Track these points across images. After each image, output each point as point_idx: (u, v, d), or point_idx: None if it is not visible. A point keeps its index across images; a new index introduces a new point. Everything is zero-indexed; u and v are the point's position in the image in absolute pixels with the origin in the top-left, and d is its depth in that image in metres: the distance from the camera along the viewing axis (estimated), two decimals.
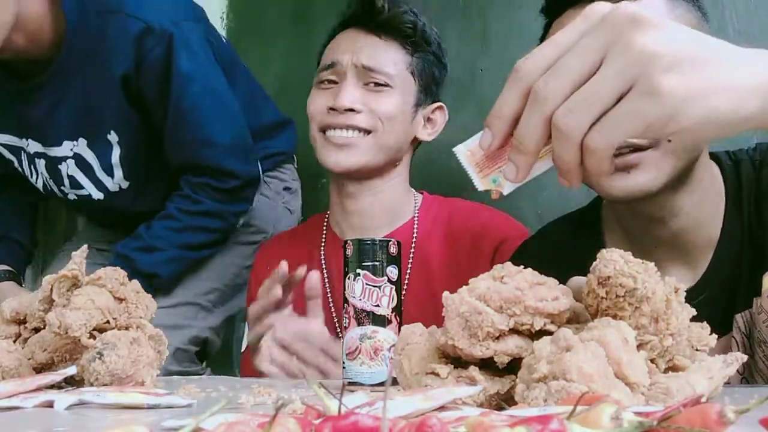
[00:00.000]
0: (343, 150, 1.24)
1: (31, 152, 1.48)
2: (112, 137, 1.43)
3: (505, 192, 0.59)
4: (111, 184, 1.48)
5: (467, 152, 0.60)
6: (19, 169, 1.54)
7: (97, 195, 1.49)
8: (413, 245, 1.30)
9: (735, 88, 0.53)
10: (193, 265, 1.52)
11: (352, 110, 1.23)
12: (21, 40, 1.31)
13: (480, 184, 0.60)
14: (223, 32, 2.36)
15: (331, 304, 1.30)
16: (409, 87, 1.28)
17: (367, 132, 1.24)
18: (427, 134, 1.33)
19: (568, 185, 0.57)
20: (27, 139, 1.47)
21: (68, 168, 1.47)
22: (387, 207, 1.32)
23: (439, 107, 1.35)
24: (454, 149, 0.60)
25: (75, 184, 1.49)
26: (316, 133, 1.27)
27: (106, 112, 1.40)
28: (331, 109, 1.23)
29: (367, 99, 1.24)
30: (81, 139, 1.44)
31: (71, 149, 1.45)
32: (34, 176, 1.53)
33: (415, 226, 1.32)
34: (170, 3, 1.40)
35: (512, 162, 0.57)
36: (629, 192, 0.87)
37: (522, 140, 0.55)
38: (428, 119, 1.33)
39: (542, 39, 1.00)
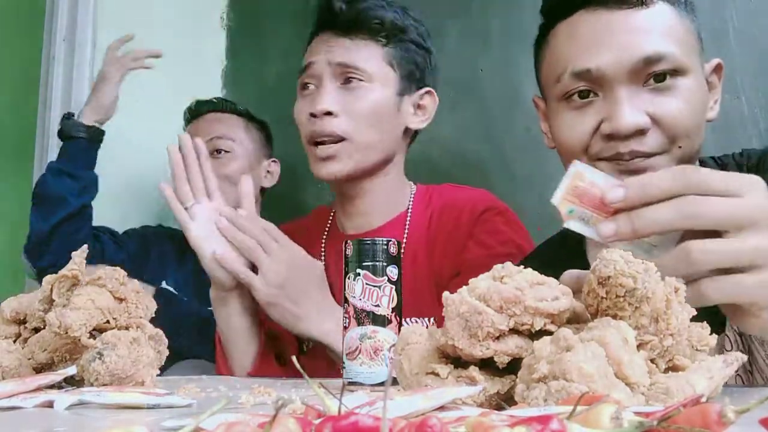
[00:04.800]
0: (330, 161, 1.23)
1: None
2: None
3: (565, 224, 0.62)
4: None
5: (578, 172, 0.63)
6: None
7: None
8: (405, 236, 1.30)
9: None
10: None
11: (330, 113, 1.22)
12: None
13: (558, 200, 0.62)
14: (223, 32, 2.37)
15: None
16: (388, 79, 1.26)
17: (344, 139, 1.23)
18: (418, 122, 1.31)
19: None
20: None
21: None
22: (384, 201, 1.31)
23: (428, 92, 1.31)
24: (575, 161, 0.64)
25: None
26: (306, 144, 1.27)
27: None
28: (312, 115, 1.23)
29: (345, 99, 1.23)
30: None
31: None
32: None
33: (408, 217, 1.31)
34: None
35: (616, 225, 0.61)
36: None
37: (642, 222, 0.60)
38: (418, 106, 1.31)
39: (538, 41, 0.99)
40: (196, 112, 1.86)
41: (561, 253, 1.03)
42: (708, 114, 0.94)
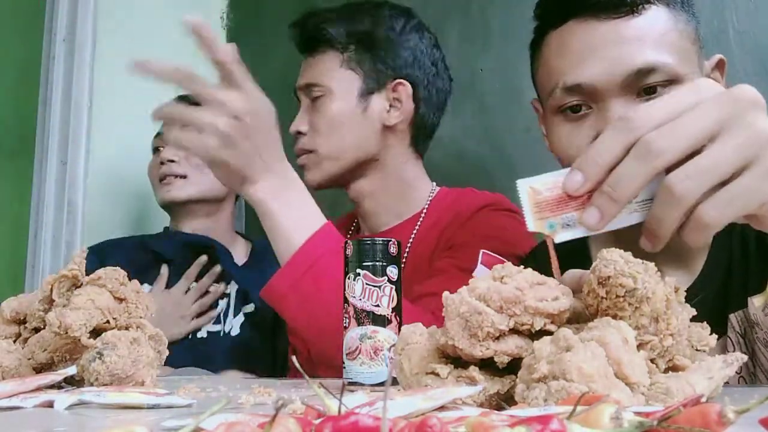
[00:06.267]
0: (305, 171, 1.29)
1: None
2: None
3: (557, 240, 0.58)
4: None
5: (530, 189, 0.58)
6: None
7: None
8: (412, 236, 1.30)
9: None
10: None
11: (300, 133, 1.30)
12: None
13: (533, 225, 0.58)
14: (223, 32, 2.37)
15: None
16: (349, 83, 1.28)
17: (311, 151, 1.29)
18: (396, 117, 1.30)
19: (651, 248, 0.57)
20: None
21: None
22: (391, 201, 1.32)
23: (399, 83, 1.30)
24: (517, 181, 0.59)
25: None
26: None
27: None
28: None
29: (311, 116, 1.29)
30: None
31: None
32: None
33: (421, 217, 1.32)
34: None
35: (597, 208, 0.56)
36: None
37: (617, 188, 0.55)
38: (394, 100, 1.30)
39: (533, 45, 0.99)
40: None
41: (562, 252, 1.03)
42: None
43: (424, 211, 1.32)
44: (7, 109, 2.38)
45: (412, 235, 1.30)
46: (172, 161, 1.72)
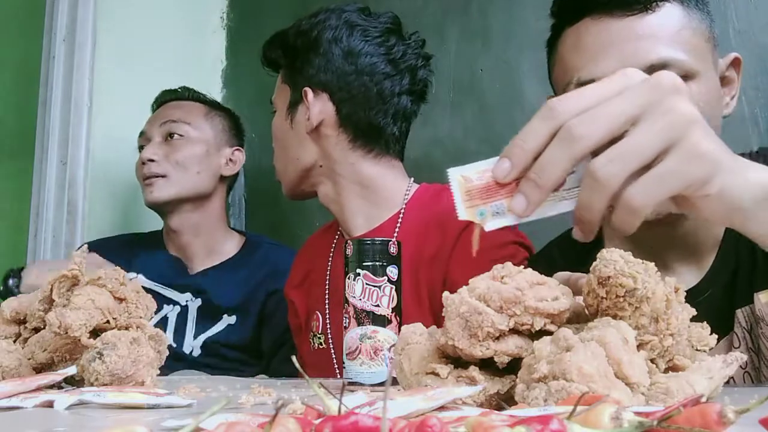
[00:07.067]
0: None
1: None
2: None
3: (487, 228, 0.57)
4: None
5: (460, 178, 0.58)
6: None
7: None
8: (394, 237, 1.29)
9: (744, 176, 0.57)
10: None
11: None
12: None
13: (464, 213, 0.58)
14: (223, 32, 2.37)
15: (327, 305, 1.31)
16: (284, 99, 1.36)
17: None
18: (309, 125, 1.30)
19: (582, 236, 0.57)
20: None
21: None
22: (355, 204, 1.30)
23: (305, 91, 1.30)
24: (448, 170, 0.59)
25: None
26: None
27: None
28: None
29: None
30: None
31: None
32: None
33: (399, 219, 1.29)
34: None
35: (524, 195, 0.56)
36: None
37: (542, 174, 0.55)
38: (307, 108, 1.31)
39: (550, 42, 0.99)
40: (161, 99, 1.86)
41: (570, 254, 1.03)
42: (723, 111, 0.93)
43: (402, 212, 1.29)
44: (7, 109, 2.38)
45: (394, 237, 1.28)
46: (152, 161, 1.71)
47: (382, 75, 1.28)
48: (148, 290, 1.60)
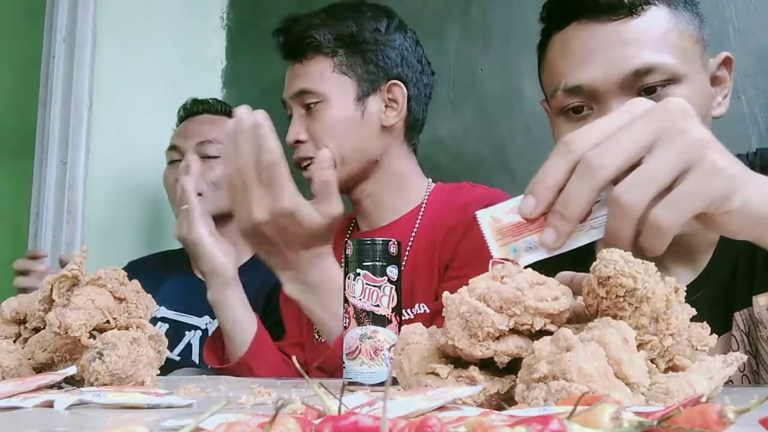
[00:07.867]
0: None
1: None
2: None
3: (522, 263, 0.60)
4: None
5: (490, 219, 0.61)
6: None
7: None
8: (414, 231, 1.30)
9: (763, 189, 0.60)
10: None
11: (299, 141, 1.29)
12: None
13: (498, 251, 0.61)
14: (223, 32, 2.37)
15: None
16: (344, 88, 1.28)
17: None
18: (393, 117, 1.30)
19: None
20: None
21: None
22: (389, 199, 1.33)
23: (393, 84, 1.30)
24: (477, 213, 0.62)
25: None
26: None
27: None
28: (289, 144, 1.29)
29: (309, 124, 1.28)
30: None
31: None
32: None
33: (420, 212, 1.32)
34: None
35: (553, 228, 0.58)
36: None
37: (567, 206, 0.57)
38: (390, 100, 1.31)
39: (541, 47, 0.99)
40: (190, 111, 1.85)
41: (570, 252, 1.03)
42: (714, 111, 0.93)
43: (423, 206, 1.33)
44: (7, 109, 2.38)
45: (414, 231, 1.30)
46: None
47: (431, 73, 1.38)
48: (169, 320, 1.60)
